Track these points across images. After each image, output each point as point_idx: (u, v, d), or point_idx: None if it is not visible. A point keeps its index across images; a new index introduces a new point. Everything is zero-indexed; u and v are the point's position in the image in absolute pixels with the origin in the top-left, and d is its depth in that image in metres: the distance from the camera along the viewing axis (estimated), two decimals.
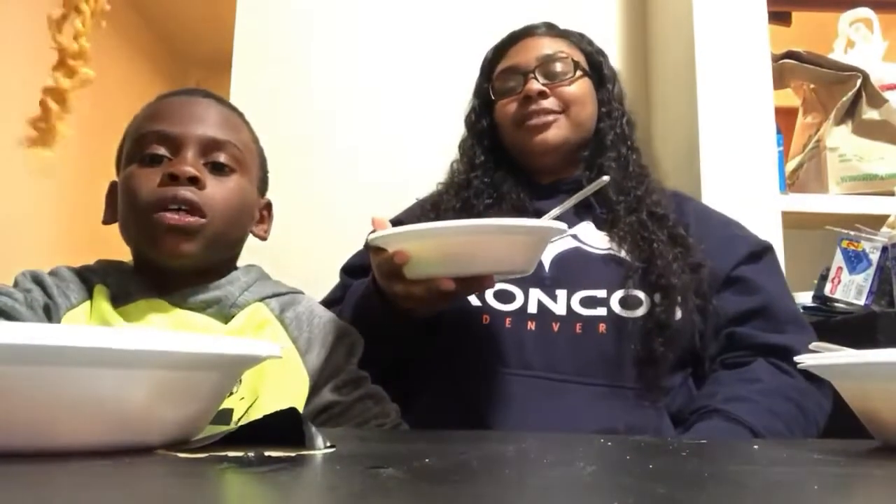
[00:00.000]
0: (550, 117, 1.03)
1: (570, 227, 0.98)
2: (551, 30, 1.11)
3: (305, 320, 0.88)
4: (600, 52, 1.13)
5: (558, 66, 1.05)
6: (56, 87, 0.49)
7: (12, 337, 0.35)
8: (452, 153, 1.15)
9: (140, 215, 0.81)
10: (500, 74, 1.09)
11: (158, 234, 0.80)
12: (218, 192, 0.82)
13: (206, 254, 0.82)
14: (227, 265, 0.89)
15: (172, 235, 0.79)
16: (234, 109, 0.91)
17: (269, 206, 0.95)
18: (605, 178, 0.84)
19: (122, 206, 0.84)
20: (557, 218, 0.82)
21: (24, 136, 0.49)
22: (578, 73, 1.06)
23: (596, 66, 1.10)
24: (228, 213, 0.83)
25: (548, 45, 1.07)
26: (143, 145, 0.83)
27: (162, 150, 0.82)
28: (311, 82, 1.56)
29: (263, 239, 0.94)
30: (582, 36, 1.13)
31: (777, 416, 0.88)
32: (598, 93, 1.09)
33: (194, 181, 0.80)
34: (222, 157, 0.84)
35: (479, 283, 0.79)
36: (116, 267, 0.87)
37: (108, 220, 0.88)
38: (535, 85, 1.03)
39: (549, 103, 1.03)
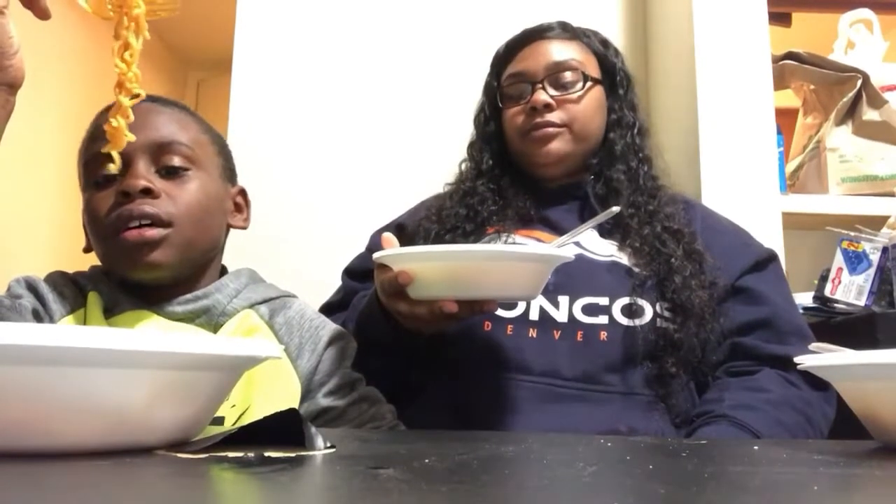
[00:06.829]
0: (553, 130, 1.01)
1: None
2: (565, 31, 1.08)
3: (296, 325, 0.86)
4: (616, 53, 1.11)
5: (568, 76, 1.03)
6: (122, 105, 0.61)
7: (12, 337, 0.35)
8: (452, 154, 1.14)
9: (104, 240, 0.81)
10: (508, 78, 1.07)
11: (125, 255, 0.79)
12: (178, 195, 0.81)
13: (180, 260, 0.81)
14: (211, 265, 0.88)
15: (139, 251, 0.78)
16: (177, 106, 0.88)
17: (243, 192, 0.93)
18: (615, 208, 0.86)
19: (88, 232, 0.85)
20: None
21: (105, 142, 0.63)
22: (588, 84, 1.04)
23: (609, 70, 1.08)
24: (194, 214, 0.82)
25: (559, 51, 1.05)
26: (93, 169, 0.82)
27: (111, 169, 0.80)
28: (311, 83, 1.56)
29: (244, 228, 0.92)
30: (596, 35, 1.11)
31: (784, 427, 0.88)
32: (609, 98, 1.08)
33: (148, 192, 0.79)
34: (175, 160, 0.82)
35: (483, 305, 0.79)
36: (107, 275, 0.86)
37: (88, 249, 0.87)
38: (542, 96, 1.01)
39: (553, 116, 1.02)
